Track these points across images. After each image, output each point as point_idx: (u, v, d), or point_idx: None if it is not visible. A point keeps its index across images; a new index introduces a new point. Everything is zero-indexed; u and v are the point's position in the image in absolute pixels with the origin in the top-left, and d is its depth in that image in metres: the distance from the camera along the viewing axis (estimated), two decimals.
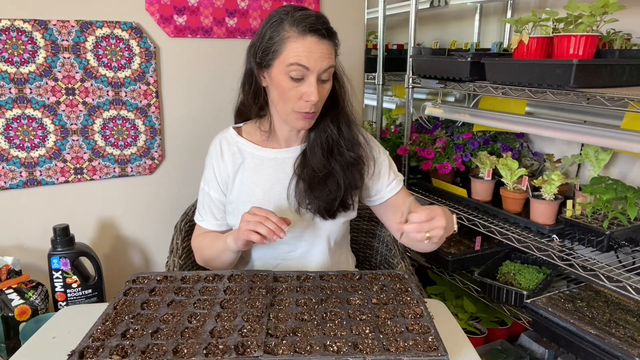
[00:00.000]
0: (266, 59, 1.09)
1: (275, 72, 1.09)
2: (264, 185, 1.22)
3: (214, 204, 1.27)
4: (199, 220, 1.30)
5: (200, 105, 1.70)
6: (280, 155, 1.23)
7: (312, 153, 1.20)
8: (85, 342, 0.83)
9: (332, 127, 1.20)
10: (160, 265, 1.75)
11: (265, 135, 1.24)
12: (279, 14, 1.09)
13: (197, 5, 1.61)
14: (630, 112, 1.30)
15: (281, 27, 1.07)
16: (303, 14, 1.07)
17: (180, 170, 1.71)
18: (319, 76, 1.08)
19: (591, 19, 1.25)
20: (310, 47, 1.05)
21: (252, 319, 0.90)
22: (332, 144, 1.20)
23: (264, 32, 1.10)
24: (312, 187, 1.18)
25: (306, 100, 1.08)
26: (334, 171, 1.19)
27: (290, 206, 1.21)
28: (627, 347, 1.08)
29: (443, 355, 0.79)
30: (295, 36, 1.05)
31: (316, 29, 1.05)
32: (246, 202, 1.22)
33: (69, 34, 1.45)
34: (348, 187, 1.20)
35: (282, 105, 1.13)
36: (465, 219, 1.63)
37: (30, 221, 1.51)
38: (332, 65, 1.09)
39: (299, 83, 1.08)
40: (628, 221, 1.30)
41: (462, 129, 1.98)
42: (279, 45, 1.07)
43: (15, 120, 1.43)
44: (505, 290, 1.50)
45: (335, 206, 1.20)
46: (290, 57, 1.06)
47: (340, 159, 1.20)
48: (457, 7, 2.26)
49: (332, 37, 1.09)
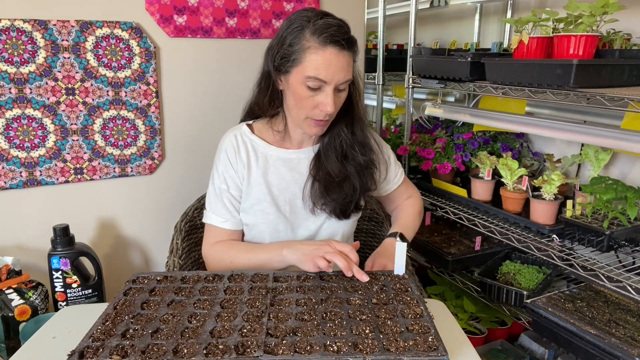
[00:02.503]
0: (285, 66, 1.10)
1: (293, 80, 1.09)
2: (279, 184, 1.23)
3: (236, 201, 1.24)
4: (220, 222, 1.24)
5: (200, 105, 1.70)
6: (295, 155, 1.24)
7: (326, 156, 1.22)
8: (85, 342, 0.83)
9: (346, 132, 1.21)
10: (160, 265, 1.75)
11: (280, 136, 1.24)
12: (300, 20, 1.08)
13: (197, 5, 1.61)
14: (630, 112, 1.30)
15: (302, 35, 1.06)
16: (325, 23, 1.06)
17: (180, 170, 1.71)
18: (336, 87, 1.08)
19: (591, 19, 1.25)
20: (330, 59, 1.05)
21: (252, 319, 0.90)
22: (346, 148, 1.22)
23: (284, 37, 1.09)
24: (328, 189, 1.20)
25: (321, 109, 1.09)
26: (349, 174, 1.21)
27: (305, 206, 1.23)
28: (627, 347, 1.08)
29: (443, 355, 0.79)
30: (315, 47, 1.05)
31: (337, 40, 1.05)
32: (262, 200, 1.22)
33: (69, 34, 1.45)
34: (362, 190, 1.23)
35: (297, 112, 1.14)
36: (465, 219, 1.63)
37: (30, 221, 1.51)
38: (349, 80, 1.11)
39: (315, 92, 1.08)
40: (628, 221, 1.30)
41: (462, 129, 1.98)
42: (299, 54, 1.07)
43: (15, 120, 1.43)
44: (505, 290, 1.50)
45: (351, 208, 1.24)
46: (308, 69, 1.06)
47: (354, 162, 1.22)
48: (457, 7, 2.26)
49: (352, 47, 1.09)
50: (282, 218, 1.23)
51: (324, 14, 1.09)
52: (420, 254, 1.88)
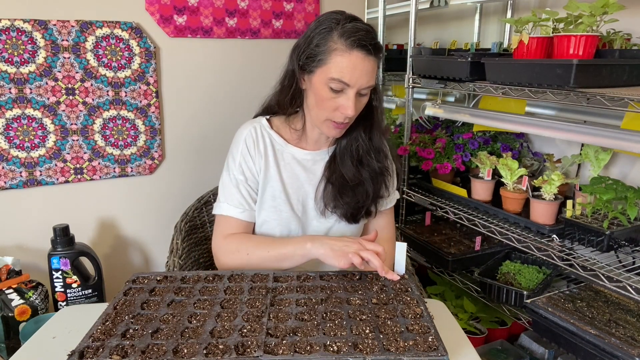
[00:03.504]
0: (310, 65, 1.10)
1: (316, 80, 1.10)
2: (293, 183, 1.24)
3: (253, 192, 1.22)
4: (236, 213, 1.20)
5: (200, 105, 1.70)
6: (310, 157, 1.25)
7: (342, 160, 1.22)
8: (85, 342, 0.83)
9: (363, 137, 1.21)
10: (160, 265, 1.75)
11: (297, 134, 1.24)
12: (329, 22, 1.08)
13: (197, 5, 1.61)
14: (630, 112, 1.30)
15: (329, 36, 1.07)
16: (353, 27, 1.06)
17: (180, 170, 1.72)
18: (358, 91, 1.09)
19: (591, 19, 1.25)
20: (355, 62, 1.06)
21: (252, 319, 0.90)
22: (362, 153, 1.22)
23: (312, 37, 1.10)
24: (342, 192, 1.21)
25: (342, 112, 1.09)
26: (363, 180, 1.22)
27: (316, 207, 1.24)
28: (627, 347, 1.08)
29: (443, 355, 0.79)
30: (342, 49, 1.06)
31: (364, 44, 1.05)
32: (277, 197, 1.22)
33: (69, 34, 1.45)
34: (375, 196, 1.24)
35: (317, 112, 1.14)
36: (465, 219, 1.63)
37: (30, 221, 1.51)
38: (372, 86, 1.11)
39: (337, 94, 1.09)
40: (628, 221, 1.30)
41: (462, 129, 1.98)
42: (325, 55, 1.07)
43: (15, 120, 1.43)
44: (505, 290, 1.50)
45: (362, 213, 1.24)
46: (333, 71, 1.06)
47: (369, 168, 1.22)
48: (457, 7, 2.26)
49: (378, 53, 1.09)
50: (295, 217, 1.23)
51: (353, 18, 1.10)
52: (420, 254, 1.88)
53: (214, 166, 1.77)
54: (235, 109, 1.76)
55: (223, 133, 1.75)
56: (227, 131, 1.76)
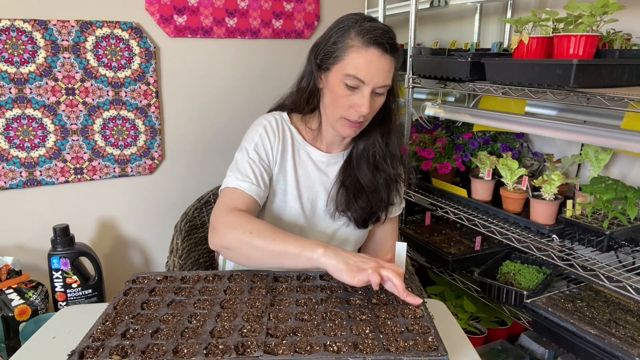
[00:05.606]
0: (326, 63, 1.11)
1: (332, 77, 1.10)
2: (306, 181, 1.23)
3: (267, 175, 1.17)
4: (246, 187, 1.12)
5: (200, 105, 1.70)
6: (326, 159, 1.25)
7: (357, 164, 1.22)
8: (85, 342, 0.83)
9: (381, 142, 1.21)
10: (160, 265, 1.75)
11: (313, 134, 1.24)
12: (348, 21, 1.09)
13: (197, 5, 1.61)
14: (630, 112, 1.30)
15: (347, 34, 1.08)
16: (371, 26, 1.07)
17: (180, 170, 1.72)
18: (373, 89, 1.08)
19: (591, 19, 1.25)
20: (372, 60, 1.06)
21: (252, 319, 0.90)
22: (379, 159, 1.22)
23: (330, 36, 1.11)
24: (356, 197, 1.20)
25: (356, 110, 1.09)
26: (378, 186, 1.21)
27: (326, 209, 1.24)
28: (627, 347, 1.08)
29: (443, 355, 0.79)
30: (358, 46, 1.06)
31: (380, 42, 1.06)
32: (289, 192, 1.22)
33: (69, 34, 1.45)
34: (387, 202, 1.23)
35: (332, 110, 1.14)
36: (465, 219, 1.63)
37: (30, 221, 1.51)
38: (388, 85, 1.10)
39: (352, 92, 1.09)
40: (628, 221, 1.30)
41: (462, 129, 1.98)
42: (341, 52, 1.08)
43: (15, 120, 1.43)
44: (505, 290, 1.50)
45: (373, 219, 1.24)
46: (348, 67, 1.07)
47: (385, 174, 1.22)
48: (457, 7, 2.26)
49: (395, 53, 1.09)
50: (303, 215, 1.23)
51: (372, 18, 1.11)
52: (420, 254, 1.88)
53: (214, 166, 1.77)
54: (236, 108, 1.76)
55: (223, 133, 1.75)
56: (228, 131, 1.76)
